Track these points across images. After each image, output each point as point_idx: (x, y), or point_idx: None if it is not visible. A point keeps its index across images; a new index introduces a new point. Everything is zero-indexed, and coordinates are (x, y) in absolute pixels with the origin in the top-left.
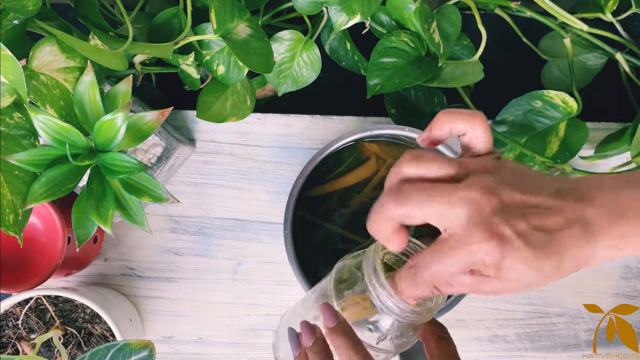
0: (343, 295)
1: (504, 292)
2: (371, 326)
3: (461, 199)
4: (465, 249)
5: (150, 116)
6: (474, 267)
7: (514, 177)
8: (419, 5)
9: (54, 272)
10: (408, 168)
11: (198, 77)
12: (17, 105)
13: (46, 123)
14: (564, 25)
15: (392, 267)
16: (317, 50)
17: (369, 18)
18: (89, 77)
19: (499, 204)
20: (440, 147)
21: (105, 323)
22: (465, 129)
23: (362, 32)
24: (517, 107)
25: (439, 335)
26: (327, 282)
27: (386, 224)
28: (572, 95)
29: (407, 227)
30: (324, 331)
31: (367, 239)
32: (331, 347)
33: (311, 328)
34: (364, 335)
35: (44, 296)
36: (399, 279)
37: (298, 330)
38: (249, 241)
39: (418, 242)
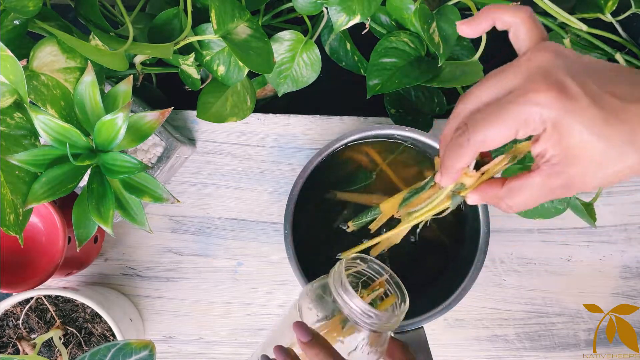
0: (312, 316)
1: (572, 187)
2: (342, 341)
3: (523, 63)
4: (523, 98)
5: (151, 116)
6: (530, 127)
7: (578, 53)
8: (419, 5)
9: (54, 272)
10: (466, 101)
11: (198, 77)
12: (18, 105)
13: (47, 123)
14: (563, 26)
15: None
16: (317, 51)
17: (369, 18)
18: (89, 77)
19: (565, 61)
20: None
21: (105, 323)
22: (510, 21)
23: (362, 33)
24: None
25: (408, 351)
26: (294, 309)
27: (464, 157)
28: None
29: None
30: (298, 351)
31: (367, 238)
32: None
33: (285, 350)
34: (336, 348)
35: (45, 296)
36: (446, 152)
37: (272, 356)
38: (249, 241)
39: (378, 262)
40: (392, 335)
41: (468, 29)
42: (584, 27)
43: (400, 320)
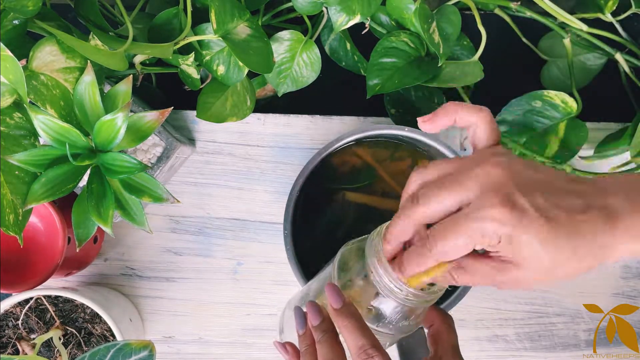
0: (347, 278)
1: (519, 284)
2: (372, 308)
3: (475, 175)
4: (478, 214)
5: (151, 116)
6: (486, 240)
7: (526, 162)
8: (419, 5)
9: (54, 272)
10: (418, 175)
11: (198, 77)
12: (18, 105)
13: (46, 123)
14: (563, 25)
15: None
16: (317, 51)
17: (368, 18)
18: (89, 77)
19: (515, 176)
20: (441, 149)
21: (105, 323)
22: (470, 120)
23: (362, 32)
24: (517, 107)
25: (449, 325)
26: (331, 267)
27: (408, 228)
28: (571, 95)
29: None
30: (330, 313)
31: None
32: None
33: (318, 308)
34: (365, 317)
35: (44, 296)
36: (406, 256)
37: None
38: (249, 241)
39: None
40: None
41: (430, 125)
42: (584, 27)
43: (436, 298)
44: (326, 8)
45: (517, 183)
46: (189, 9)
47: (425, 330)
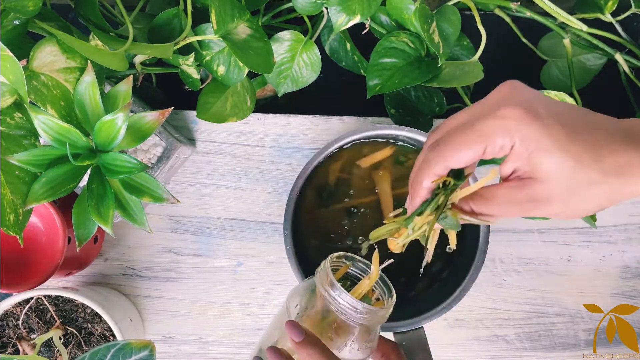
0: (301, 311)
1: (543, 205)
2: (332, 334)
3: (495, 97)
4: (491, 115)
5: (151, 116)
6: (498, 144)
7: (548, 98)
8: (419, 5)
9: (54, 272)
10: (437, 130)
11: (198, 77)
12: (18, 105)
13: (47, 123)
14: (563, 26)
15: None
16: (317, 51)
17: (369, 18)
18: (89, 77)
19: (531, 92)
20: None
21: (105, 323)
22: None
23: (362, 33)
24: None
25: (400, 353)
26: (284, 309)
27: (433, 169)
28: (571, 95)
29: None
30: (293, 347)
31: (367, 239)
32: None
33: (277, 351)
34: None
35: (45, 296)
36: (415, 167)
37: (265, 358)
38: (249, 241)
39: (364, 260)
40: (392, 335)
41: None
42: (584, 27)
43: (388, 313)
44: (326, 8)
45: (532, 95)
46: (189, 9)
47: None
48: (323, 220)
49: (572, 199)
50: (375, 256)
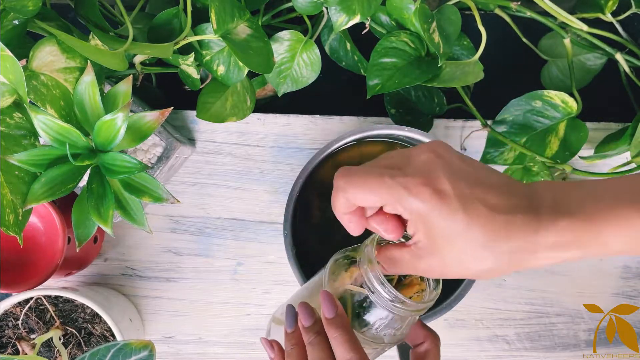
0: (338, 285)
1: (434, 273)
2: (361, 313)
3: (413, 161)
4: (402, 180)
5: (151, 116)
6: (399, 209)
7: (462, 156)
8: (419, 5)
9: (54, 272)
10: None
11: (198, 77)
12: (18, 105)
13: (46, 123)
14: (563, 25)
15: None
16: (317, 51)
17: (369, 18)
18: (89, 77)
19: (446, 164)
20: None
21: (105, 323)
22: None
23: (362, 32)
24: (517, 107)
25: (437, 346)
26: (322, 274)
27: (342, 204)
28: (571, 95)
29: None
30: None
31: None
32: None
33: (311, 310)
34: (354, 322)
35: (44, 296)
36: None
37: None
38: (249, 241)
39: None
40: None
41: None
42: (584, 27)
43: (427, 307)
44: (326, 8)
45: (446, 168)
46: (189, 9)
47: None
48: (323, 220)
49: (466, 273)
50: None
